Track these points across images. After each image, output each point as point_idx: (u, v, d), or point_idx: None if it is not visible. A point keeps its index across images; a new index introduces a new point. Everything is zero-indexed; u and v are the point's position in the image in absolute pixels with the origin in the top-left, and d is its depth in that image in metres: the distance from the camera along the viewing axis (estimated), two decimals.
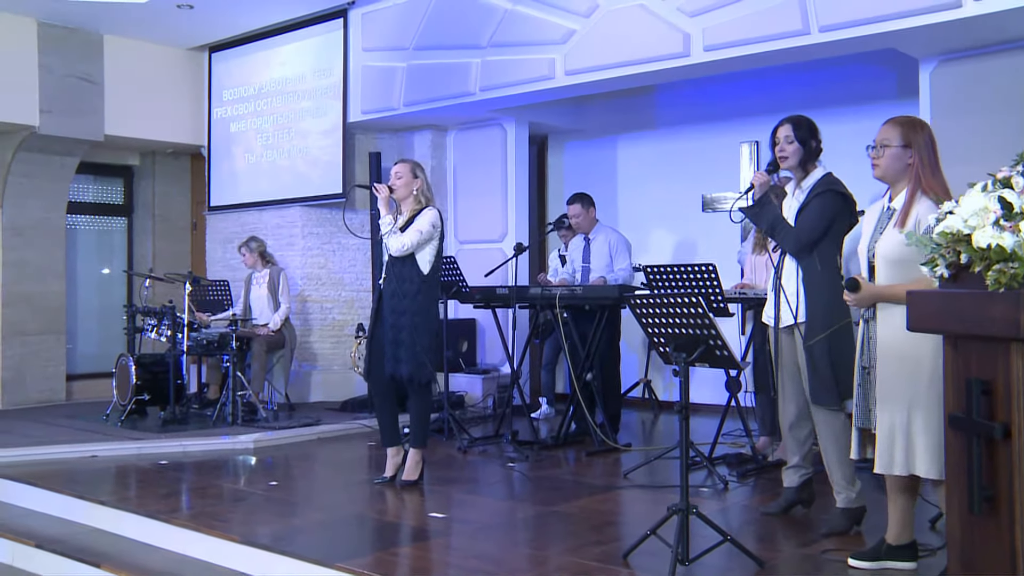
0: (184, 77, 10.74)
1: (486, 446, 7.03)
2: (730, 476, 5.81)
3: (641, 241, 8.69)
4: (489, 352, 9.55)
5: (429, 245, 5.57)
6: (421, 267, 5.55)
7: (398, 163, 5.79)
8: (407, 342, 5.48)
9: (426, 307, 5.53)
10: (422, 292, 5.53)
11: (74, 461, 6.74)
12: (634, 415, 8.63)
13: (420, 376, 5.51)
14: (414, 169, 5.71)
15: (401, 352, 5.50)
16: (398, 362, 5.52)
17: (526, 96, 8.35)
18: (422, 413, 5.70)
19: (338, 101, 9.51)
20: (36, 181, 9.76)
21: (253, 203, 10.24)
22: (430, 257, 5.58)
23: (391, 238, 5.53)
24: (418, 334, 5.47)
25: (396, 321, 5.53)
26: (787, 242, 4.59)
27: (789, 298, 4.58)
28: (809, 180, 4.66)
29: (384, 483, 5.75)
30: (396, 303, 5.55)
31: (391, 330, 5.55)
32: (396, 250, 5.51)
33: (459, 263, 7.79)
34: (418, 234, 5.50)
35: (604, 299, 6.69)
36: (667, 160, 9.35)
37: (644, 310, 4.26)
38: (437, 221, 5.59)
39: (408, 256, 5.54)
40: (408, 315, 5.49)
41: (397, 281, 5.55)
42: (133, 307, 8.56)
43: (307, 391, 9.67)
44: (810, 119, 4.72)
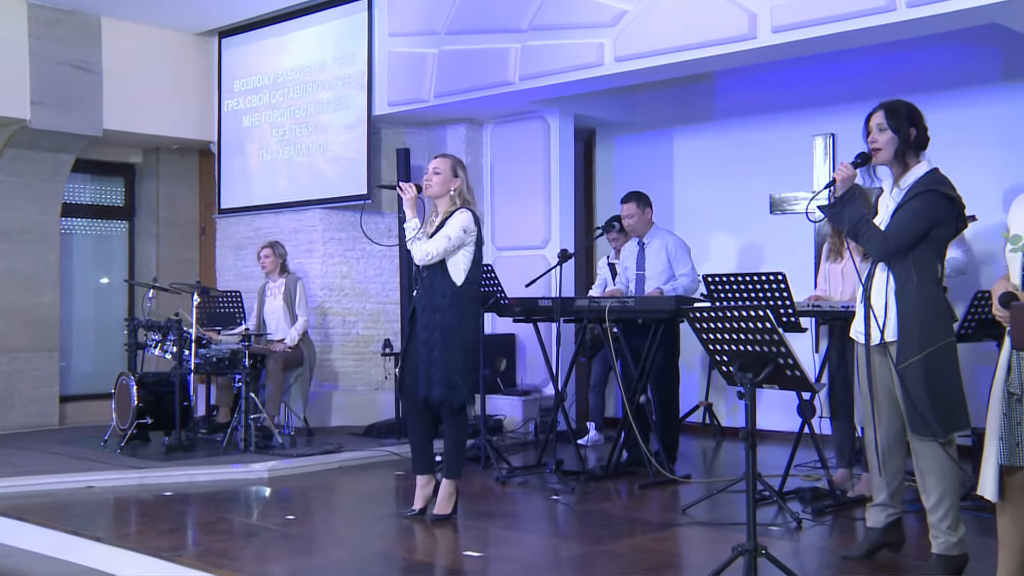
0: (191, 65, 10.87)
1: (527, 476, 7.02)
2: (804, 513, 5.76)
3: (701, 247, 8.66)
4: (530, 371, 9.55)
5: (462, 252, 5.54)
6: (453, 277, 5.52)
7: (438, 157, 5.73)
8: (440, 361, 5.46)
9: (458, 322, 5.49)
10: (455, 306, 5.50)
11: (68, 493, 6.79)
12: (693, 443, 8.60)
13: (453, 399, 5.49)
14: (455, 167, 5.64)
15: (433, 372, 5.48)
16: (430, 383, 5.50)
17: (571, 85, 8.36)
18: (456, 440, 5.69)
19: (362, 92, 9.59)
20: (27, 181, 9.89)
21: (268, 205, 10.34)
22: (464, 266, 5.55)
23: (416, 244, 5.51)
24: (451, 352, 5.45)
25: (428, 338, 5.52)
26: (873, 246, 4.49)
27: (877, 313, 4.50)
28: (909, 177, 4.52)
29: (414, 516, 5.76)
30: (427, 318, 5.53)
31: (423, 348, 5.54)
32: (420, 258, 5.50)
33: (497, 272, 7.80)
34: (446, 240, 5.47)
35: (660, 312, 6.67)
36: (730, 156, 9.32)
37: (704, 324, 4.24)
38: (471, 225, 5.55)
39: (438, 265, 5.53)
40: (440, 331, 5.47)
41: (428, 294, 5.54)
42: (135, 321, 8.64)
43: (327, 414, 9.72)
44: (911, 105, 4.58)
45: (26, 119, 9.48)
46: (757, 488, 4.06)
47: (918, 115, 4.56)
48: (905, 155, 4.53)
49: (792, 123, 8.84)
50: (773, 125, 9.05)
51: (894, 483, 4.74)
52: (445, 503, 5.72)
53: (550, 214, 9.45)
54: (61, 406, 10.21)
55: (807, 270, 7.99)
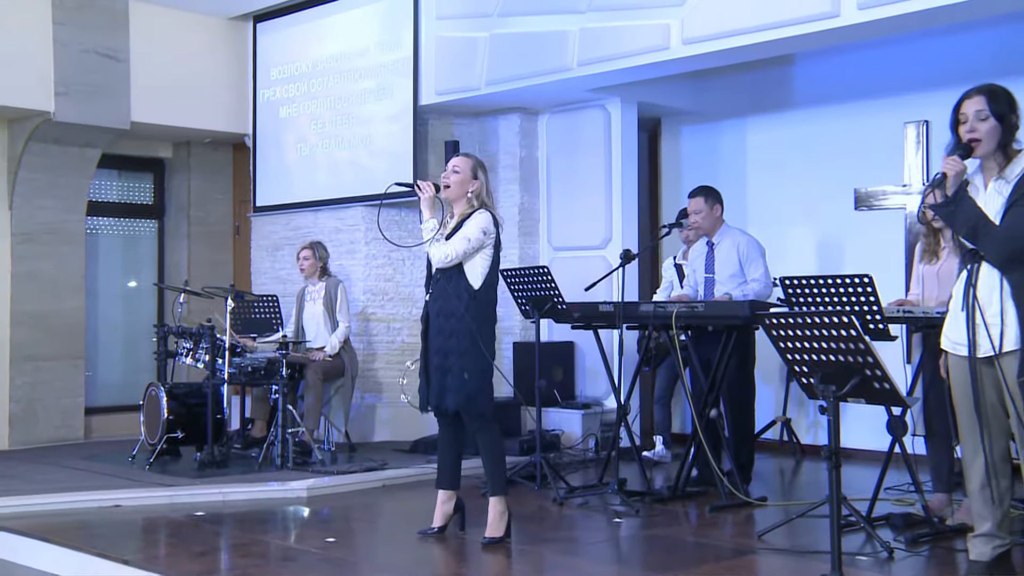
0: (224, 52, 10.97)
1: (587, 497, 7.00)
2: (896, 542, 5.66)
3: (777, 247, 8.57)
4: (590, 382, 9.52)
5: (480, 255, 5.66)
6: (471, 280, 5.64)
7: (458, 155, 5.88)
8: (454, 369, 5.60)
9: (476, 327, 5.61)
10: (471, 311, 5.61)
11: (93, 512, 6.86)
12: (770, 461, 8.54)
13: (469, 408, 5.61)
14: (476, 168, 5.78)
15: (448, 380, 5.63)
16: (444, 391, 5.64)
17: (634, 71, 8.32)
18: (491, 452, 5.76)
19: (407, 80, 9.61)
20: (51, 177, 10.03)
21: (307, 203, 10.40)
22: (482, 269, 5.66)
23: (434, 246, 5.63)
24: (466, 359, 5.57)
25: (443, 345, 5.65)
26: (995, 248, 4.38)
27: (989, 321, 4.42)
28: (1016, 168, 4.46)
29: (433, 535, 5.85)
30: (442, 323, 5.66)
31: (437, 355, 5.68)
32: (439, 260, 5.62)
33: (554, 274, 7.78)
34: (465, 241, 5.59)
35: (732, 318, 6.62)
36: (810, 147, 9.23)
37: (782, 331, 4.22)
38: (490, 226, 5.67)
39: (454, 268, 5.64)
40: (456, 337, 5.60)
41: (443, 298, 5.67)
42: (165, 327, 8.73)
43: (371, 428, 9.76)
44: (1006, 89, 4.53)
45: (50, 112, 9.60)
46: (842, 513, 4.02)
47: (1014, 100, 4.52)
48: (1008, 145, 4.47)
49: (880, 110, 8.73)
50: (859, 112, 8.94)
51: (1000, 510, 4.62)
52: (496, 524, 5.74)
53: (611, 211, 9.42)
54: (86, 419, 10.33)
55: (897, 272, 7.90)
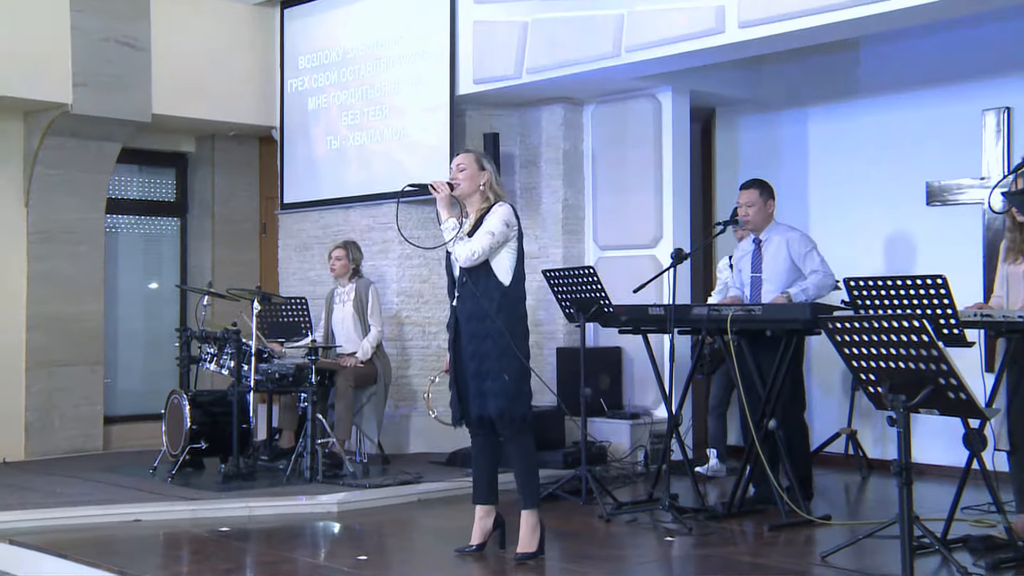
0: (250, 40, 11.02)
1: (636, 513, 6.99)
2: (975, 567, 5.59)
3: (842, 246, 8.51)
4: (639, 390, 9.49)
5: (505, 249, 5.73)
6: (500, 277, 5.71)
7: (459, 154, 6.03)
8: (493, 372, 5.65)
9: (510, 327, 5.67)
10: (504, 309, 5.67)
11: (113, 527, 6.90)
12: (834, 477, 8.48)
13: (513, 411, 5.65)
14: (480, 160, 5.93)
15: (487, 385, 5.67)
16: (484, 397, 5.69)
17: (687, 57, 8.28)
18: (526, 461, 5.80)
19: (444, 68, 9.61)
20: (69, 173, 10.10)
21: (337, 199, 10.43)
22: (509, 263, 5.74)
23: (457, 245, 5.69)
24: (504, 361, 5.63)
25: (477, 349, 5.71)
26: None
27: None
28: None
29: (471, 553, 5.86)
30: (475, 326, 5.72)
31: (472, 360, 5.73)
32: (466, 259, 5.67)
33: (600, 275, 7.76)
34: (489, 236, 5.66)
35: (792, 322, 6.58)
36: (877, 137, 9.14)
37: (847, 336, 4.20)
38: (512, 218, 5.76)
39: (482, 267, 5.71)
40: (491, 339, 5.66)
41: (472, 300, 5.72)
42: (187, 331, 8.77)
43: (405, 439, 9.77)
44: None
45: (67, 104, 9.66)
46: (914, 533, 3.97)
47: None
48: None
49: (956, 97, 8.65)
50: (932, 99, 8.85)
51: None
52: (529, 539, 5.77)
53: (662, 208, 9.39)
54: (105, 428, 10.39)
55: (973, 273, 7.83)
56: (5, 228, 9.85)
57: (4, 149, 9.90)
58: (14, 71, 9.34)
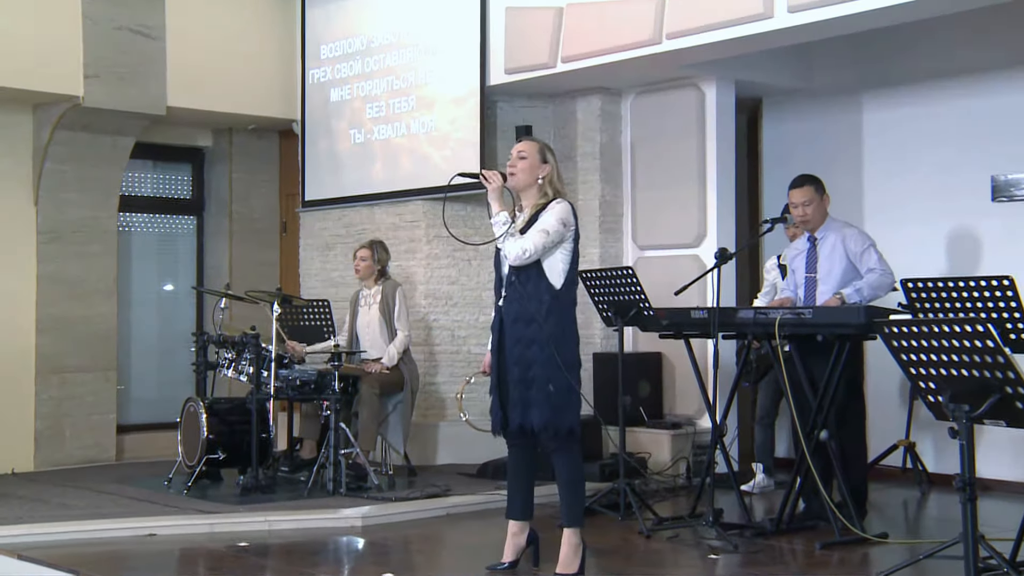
0: (270, 28, 11.06)
1: (678, 529, 6.96)
2: None
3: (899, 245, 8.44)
4: (680, 399, 9.46)
5: (559, 250, 5.67)
6: (551, 280, 5.65)
7: (522, 140, 5.93)
8: (540, 380, 5.59)
9: (559, 332, 5.61)
10: (554, 313, 5.62)
11: (126, 541, 6.92)
12: (891, 492, 8.44)
13: (558, 423, 5.58)
14: (543, 150, 5.83)
15: (532, 394, 5.61)
16: (527, 407, 5.62)
17: (732, 44, 8.26)
18: (571, 477, 5.75)
19: (474, 57, 9.61)
20: (80, 169, 10.17)
21: (361, 196, 10.45)
22: (563, 266, 5.68)
23: (508, 241, 5.64)
24: (552, 369, 5.56)
25: (522, 354, 5.65)
26: None
27: None
28: None
29: (503, 571, 5.83)
30: (521, 330, 5.66)
31: (516, 366, 5.67)
32: (516, 257, 5.62)
33: (639, 276, 7.73)
34: (544, 235, 5.59)
35: (845, 326, 6.53)
36: (938, 129, 9.08)
37: (904, 342, 4.17)
38: (569, 217, 5.69)
39: (533, 267, 5.65)
40: (538, 344, 5.59)
41: (520, 301, 5.67)
42: (204, 336, 8.80)
43: (433, 450, 9.78)
44: None
45: (78, 96, 9.72)
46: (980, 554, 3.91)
47: None
48: None
49: None
50: (998, 87, 8.81)
51: None
52: (570, 559, 5.72)
53: (705, 205, 9.36)
54: (118, 437, 10.46)
55: None
56: (13, 227, 9.92)
57: (12, 144, 9.97)
58: (23, 62, 9.40)
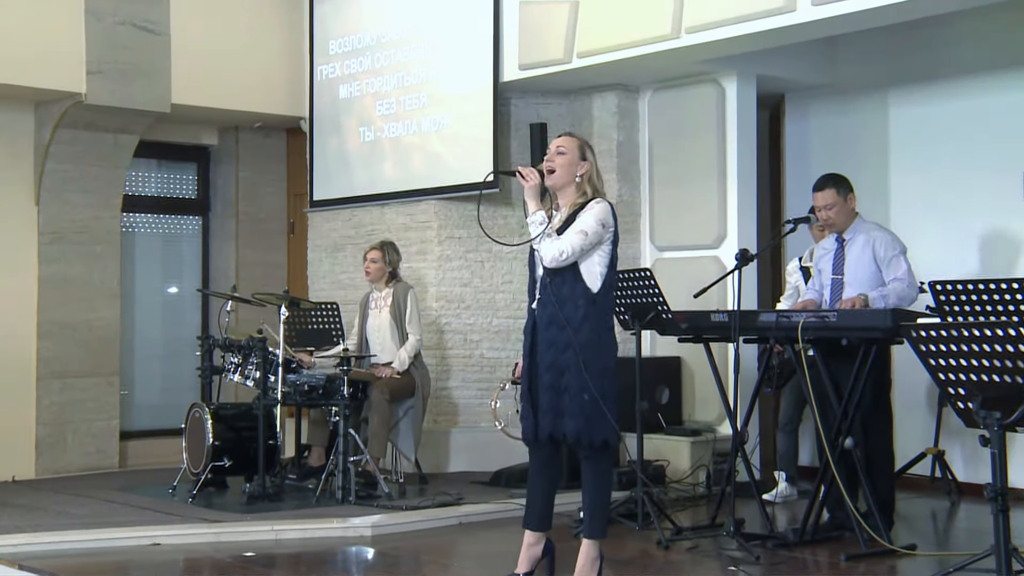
0: (277, 23, 11.07)
1: (698, 539, 6.96)
2: None
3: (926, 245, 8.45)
4: (700, 405, 9.45)
5: (598, 252, 5.62)
6: (588, 283, 5.60)
7: (561, 136, 5.86)
8: (573, 387, 5.53)
9: (595, 338, 5.57)
10: (590, 318, 5.57)
11: (129, 551, 6.94)
12: (919, 502, 8.41)
13: (593, 435, 5.53)
14: (583, 147, 5.78)
15: (564, 402, 5.56)
16: (559, 416, 5.57)
17: (754, 39, 8.25)
18: (598, 489, 5.71)
19: (487, 53, 9.61)
20: (81, 168, 10.18)
21: (371, 196, 10.45)
22: (600, 269, 5.63)
23: (544, 242, 5.59)
24: (590, 376, 5.50)
25: (556, 359, 5.60)
26: None
27: None
28: None
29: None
30: (554, 335, 5.61)
31: (548, 372, 5.62)
32: (552, 259, 5.57)
33: (658, 278, 7.72)
34: (582, 236, 5.54)
35: (871, 329, 6.51)
36: (968, 124, 9.04)
37: (933, 346, 4.16)
38: (608, 218, 5.64)
39: (569, 269, 5.60)
40: (572, 350, 5.54)
41: (556, 304, 5.61)
42: (210, 339, 8.81)
43: (445, 457, 9.78)
44: None
45: (80, 93, 9.73)
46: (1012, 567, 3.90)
47: None
48: None
49: None
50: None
51: None
52: (587, 571, 5.70)
53: (725, 204, 9.35)
54: (121, 444, 10.47)
55: None
56: (14, 228, 9.94)
57: (13, 143, 9.99)
58: (23, 58, 9.42)
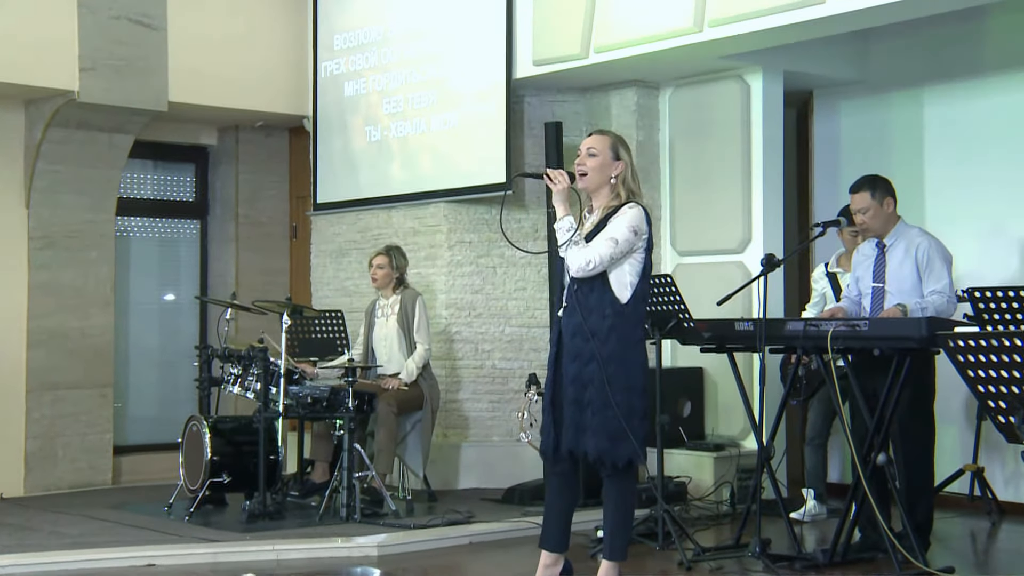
0: (280, 17, 11.09)
1: (721, 560, 6.93)
2: None
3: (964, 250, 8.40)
4: (724, 418, 9.44)
5: (629, 260, 5.60)
6: (617, 293, 5.58)
7: (592, 135, 5.82)
8: (597, 403, 5.50)
9: (621, 351, 5.54)
10: (617, 329, 5.54)
11: (123, 572, 6.92)
12: (957, 522, 8.40)
13: (615, 455, 5.51)
14: (616, 145, 5.73)
15: (587, 418, 5.53)
16: (581, 432, 5.55)
17: (780, 32, 8.23)
18: (620, 509, 5.70)
19: (499, 48, 9.60)
20: (74, 169, 10.19)
21: (378, 198, 10.45)
22: (631, 278, 5.60)
23: (571, 250, 5.56)
24: (613, 391, 5.47)
25: (580, 372, 5.58)
26: None
27: None
28: None
29: None
30: (579, 346, 5.59)
31: (572, 385, 5.60)
32: (579, 269, 5.55)
33: (679, 285, 7.71)
34: (611, 244, 5.52)
35: (905, 339, 6.48)
36: (1008, 122, 9.01)
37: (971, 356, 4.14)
38: (642, 224, 5.60)
39: (598, 277, 5.58)
40: (597, 363, 5.51)
41: (582, 313, 5.58)
42: (208, 349, 8.81)
43: (455, 473, 9.77)
44: None
45: (73, 91, 9.73)
46: None
47: None
48: None
49: None
50: None
51: None
52: None
53: (750, 207, 9.34)
54: (115, 459, 10.48)
55: None
56: (3, 232, 9.96)
57: (2, 143, 10.02)
58: (13, 54, 9.43)
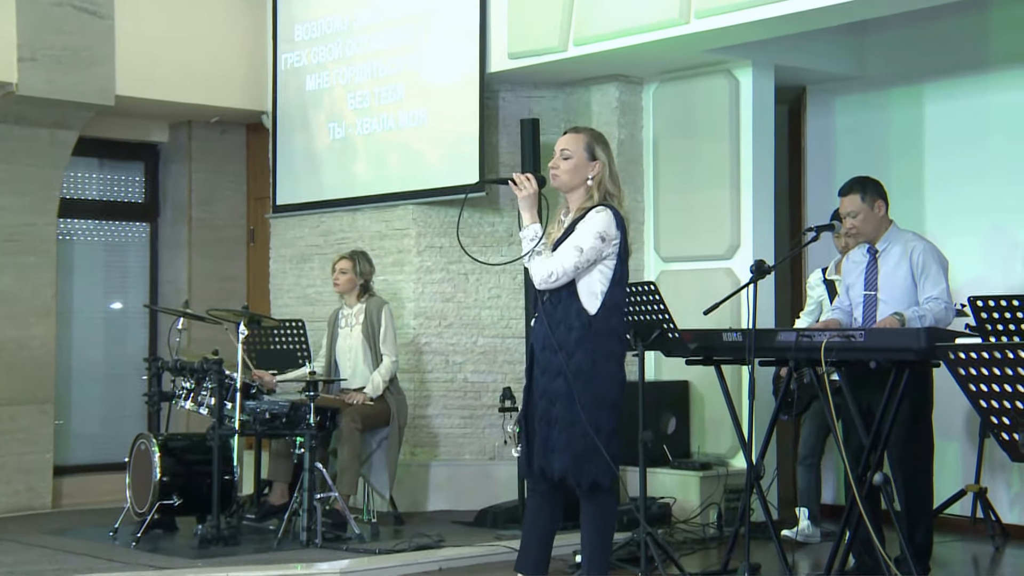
0: (237, 5, 11.10)
1: None
2: None
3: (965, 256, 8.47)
4: (711, 435, 9.47)
5: (599, 268, 5.58)
6: (585, 303, 5.56)
7: (567, 133, 5.81)
8: (564, 419, 5.50)
9: (590, 365, 5.52)
10: (586, 342, 5.52)
11: None
12: (958, 546, 8.45)
13: (580, 473, 5.51)
14: (591, 144, 5.70)
15: (554, 435, 5.53)
16: (549, 451, 5.55)
17: (771, 24, 8.25)
18: (597, 530, 5.71)
19: (472, 39, 9.62)
20: (13, 168, 10.13)
21: (341, 200, 10.46)
22: (601, 287, 5.58)
23: (534, 260, 5.55)
24: (581, 407, 5.46)
25: (548, 386, 5.58)
26: None
27: None
28: None
29: None
30: (548, 358, 5.59)
31: (541, 399, 5.61)
32: (541, 279, 5.54)
33: (663, 292, 7.74)
34: (576, 253, 5.50)
35: (902, 351, 6.50)
36: (1012, 121, 9.06)
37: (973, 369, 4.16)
38: (610, 229, 5.57)
39: (565, 287, 5.57)
40: (565, 377, 5.51)
41: (549, 325, 5.59)
42: (158, 361, 8.79)
43: (423, 494, 9.77)
44: None
45: (11, 83, 9.68)
46: None
47: None
48: None
49: None
50: None
51: None
52: None
53: (739, 210, 9.37)
54: (56, 480, 10.41)
55: None
56: None
57: None
58: None
